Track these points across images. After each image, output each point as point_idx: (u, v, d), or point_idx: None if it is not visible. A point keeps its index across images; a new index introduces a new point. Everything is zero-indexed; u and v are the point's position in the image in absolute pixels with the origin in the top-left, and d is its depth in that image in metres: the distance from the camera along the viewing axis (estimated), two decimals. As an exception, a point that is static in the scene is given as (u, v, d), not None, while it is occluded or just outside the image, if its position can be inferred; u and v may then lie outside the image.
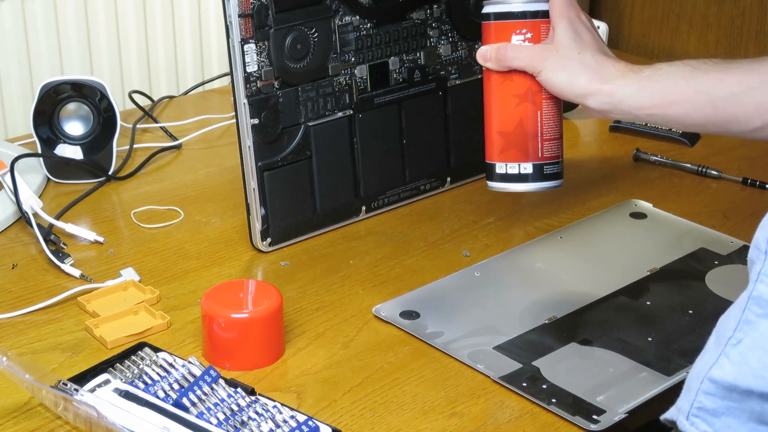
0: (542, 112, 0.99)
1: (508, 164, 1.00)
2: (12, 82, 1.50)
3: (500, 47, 0.98)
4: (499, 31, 0.99)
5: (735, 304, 0.74)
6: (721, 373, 0.73)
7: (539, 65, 0.96)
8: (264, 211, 1.17)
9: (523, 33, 0.98)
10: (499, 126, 1.00)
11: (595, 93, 0.95)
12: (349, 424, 0.92)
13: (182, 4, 1.63)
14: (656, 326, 1.05)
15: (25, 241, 1.19)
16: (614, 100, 0.94)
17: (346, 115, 1.21)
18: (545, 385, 0.96)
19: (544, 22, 0.98)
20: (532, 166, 1.00)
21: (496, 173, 1.01)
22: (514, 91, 0.99)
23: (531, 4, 0.98)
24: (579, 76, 0.95)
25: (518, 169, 1.00)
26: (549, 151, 1.00)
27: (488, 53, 0.99)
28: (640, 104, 0.93)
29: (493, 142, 1.01)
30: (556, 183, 1.02)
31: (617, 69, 0.95)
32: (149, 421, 0.87)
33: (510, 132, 0.99)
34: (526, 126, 0.99)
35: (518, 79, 0.98)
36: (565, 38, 0.96)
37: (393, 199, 1.27)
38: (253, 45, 1.13)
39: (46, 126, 1.31)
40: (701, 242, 1.20)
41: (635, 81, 0.94)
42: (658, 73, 0.94)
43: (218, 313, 0.97)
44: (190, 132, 1.47)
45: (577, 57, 0.95)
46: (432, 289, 1.11)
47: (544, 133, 0.99)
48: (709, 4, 1.71)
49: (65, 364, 0.99)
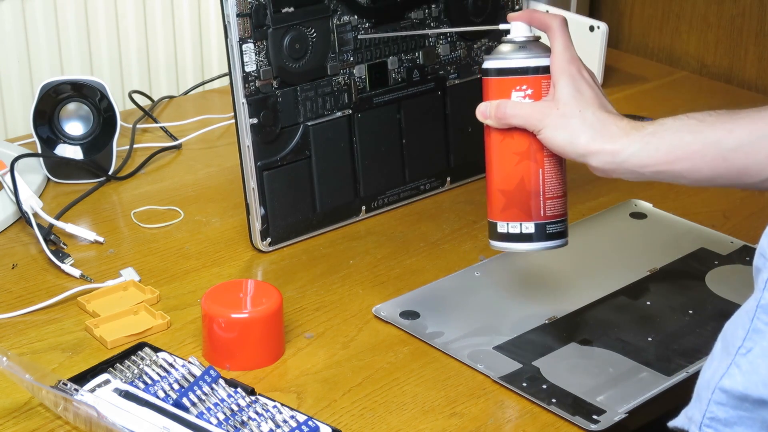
0: (544, 170, 0.95)
1: (509, 223, 0.96)
2: (12, 82, 1.50)
3: (500, 105, 0.95)
4: (499, 87, 0.95)
5: (741, 311, 0.74)
6: (732, 383, 0.73)
7: (539, 124, 0.93)
8: (264, 211, 1.17)
9: (523, 89, 0.94)
10: (500, 184, 0.97)
11: (597, 153, 0.91)
12: (349, 424, 0.92)
13: (182, 4, 1.63)
14: (656, 326, 1.05)
15: (25, 241, 1.19)
16: (618, 160, 0.90)
17: (345, 114, 1.21)
18: (545, 385, 0.96)
19: (545, 77, 0.94)
20: (534, 226, 0.96)
21: (498, 232, 0.97)
22: (514, 148, 0.95)
23: (532, 59, 0.94)
24: (580, 135, 0.91)
25: (520, 228, 0.96)
26: (552, 209, 0.96)
27: (488, 110, 0.95)
28: (645, 162, 0.90)
29: (494, 200, 0.97)
30: (561, 242, 0.98)
31: (619, 127, 0.91)
32: (149, 421, 0.87)
33: (511, 191, 0.96)
34: (527, 184, 0.95)
35: (519, 137, 0.95)
36: (565, 95, 0.93)
37: (393, 199, 1.27)
38: (251, 44, 1.13)
39: (46, 126, 1.31)
40: (701, 242, 1.20)
41: (638, 139, 0.90)
42: (662, 129, 0.90)
43: (218, 313, 0.97)
44: (190, 132, 1.47)
45: (578, 115, 0.92)
46: (432, 289, 1.11)
47: (547, 192, 0.96)
48: (709, 4, 1.70)
49: (65, 364, 0.99)
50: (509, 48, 0.96)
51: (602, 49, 1.61)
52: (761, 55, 1.66)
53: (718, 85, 1.69)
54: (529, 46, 0.95)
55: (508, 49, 0.96)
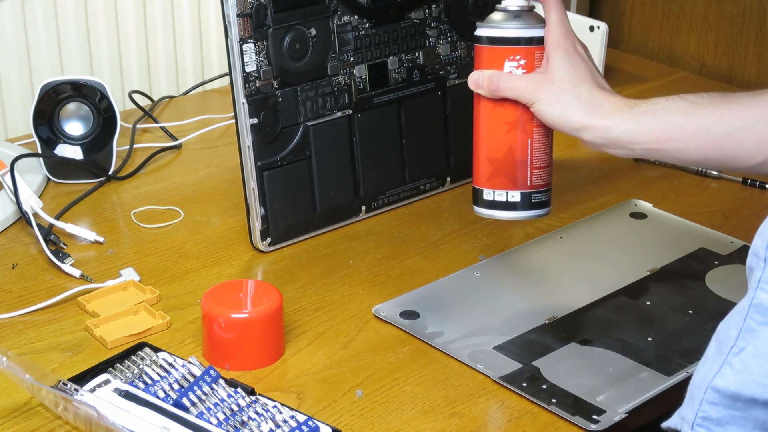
0: (533, 141, 0.96)
1: (495, 191, 0.98)
2: (12, 82, 1.50)
3: (493, 76, 0.95)
4: (491, 55, 0.96)
5: (735, 311, 0.74)
6: (725, 383, 0.73)
7: (533, 97, 0.94)
8: (264, 211, 1.17)
9: (516, 59, 0.95)
10: (488, 152, 0.98)
11: (590, 128, 0.92)
12: (349, 424, 0.92)
13: (182, 4, 1.63)
14: (656, 326, 1.05)
15: (25, 241, 1.19)
16: (610, 135, 0.92)
17: (345, 114, 1.21)
18: (545, 385, 0.96)
19: (539, 48, 0.95)
20: (520, 195, 0.97)
21: (483, 199, 0.99)
22: (504, 118, 0.96)
23: (526, 29, 0.95)
24: (574, 110, 0.92)
25: (506, 196, 0.97)
26: (538, 179, 0.97)
27: (480, 80, 0.96)
28: (637, 139, 0.91)
29: (482, 168, 0.99)
30: (544, 211, 0.99)
31: (613, 104, 0.92)
32: (149, 421, 0.87)
33: (499, 159, 0.97)
34: (515, 154, 0.96)
35: (509, 107, 0.96)
36: (560, 70, 0.93)
37: (393, 199, 1.27)
38: (251, 44, 1.13)
39: (46, 126, 1.31)
40: (701, 242, 1.20)
41: (631, 116, 0.91)
42: (655, 108, 0.91)
43: (218, 313, 0.97)
44: (190, 132, 1.47)
45: (573, 90, 0.93)
46: (432, 289, 1.11)
47: (534, 162, 0.97)
48: (709, 4, 1.71)
49: (65, 364, 0.99)
50: (503, 16, 0.96)
51: (602, 49, 1.61)
52: (761, 55, 1.66)
53: (718, 85, 1.69)
54: (523, 16, 0.95)
55: (502, 18, 0.96)
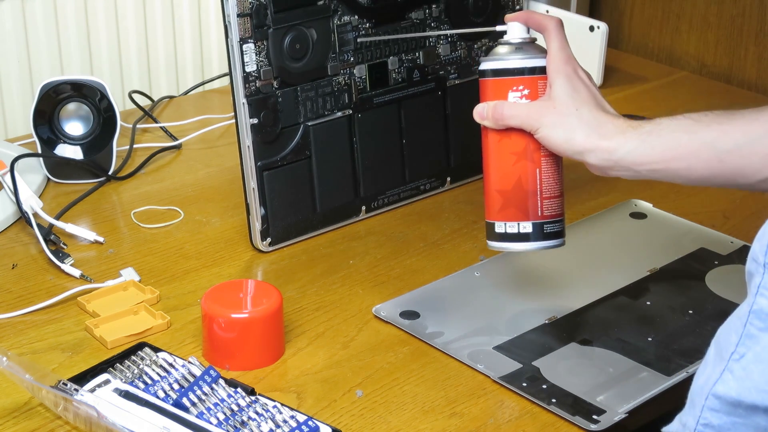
0: (541, 170, 0.96)
1: (507, 223, 0.97)
2: (12, 82, 1.50)
3: (497, 106, 0.95)
4: (495, 88, 0.96)
5: (734, 316, 0.74)
6: (726, 389, 0.73)
7: (536, 123, 0.93)
8: (264, 211, 1.17)
9: (520, 90, 0.95)
10: (497, 184, 0.97)
11: (593, 150, 0.92)
12: (349, 424, 0.92)
13: (182, 4, 1.63)
14: (656, 326, 1.05)
15: (25, 241, 1.19)
16: (614, 157, 0.91)
17: (345, 114, 1.21)
18: (545, 385, 0.96)
19: (542, 78, 0.95)
20: (531, 225, 0.96)
21: (496, 232, 0.98)
22: (512, 149, 0.96)
23: (528, 60, 0.95)
24: (576, 133, 0.92)
25: (518, 228, 0.97)
26: (549, 209, 0.97)
27: (485, 111, 0.96)
28: (641, 160, 0.90)
29: (492, 201, 0.98)
30: (558, 242, 0.98)
31: (616, 125, 0.92)
32: (149, 421, 0.87)
33: (508, 190, 0.96)
34: (525, 184, 0.96)
35: (516, 137, 0.95)
36: (562, 94, 0.93)
37: (393, 199, 1.27)
38: (251, 45, 1.13)
39: (46, 126, 1.31)
40: (701, 242, 1.20)
41: (635, 137, 0.90)
42: (659, 128, 0.90)
43: (218, 313, 0.97)
44: (190, 132, 1.47)
45: (575, 113, 0.92)
46: (432, 289, 1.11)
47: (544, 191, 0.96)
48: (709, 4, 1.70)
49: (65, 364, 0.99)
50: (506, 49, 0.96)
51: (602, 49, 1.61)
52: (761, 55, 1.66)
53: (718, 85, 1.69)
54: (525, 47, 0.96)
55: (505, 51, 0.96)
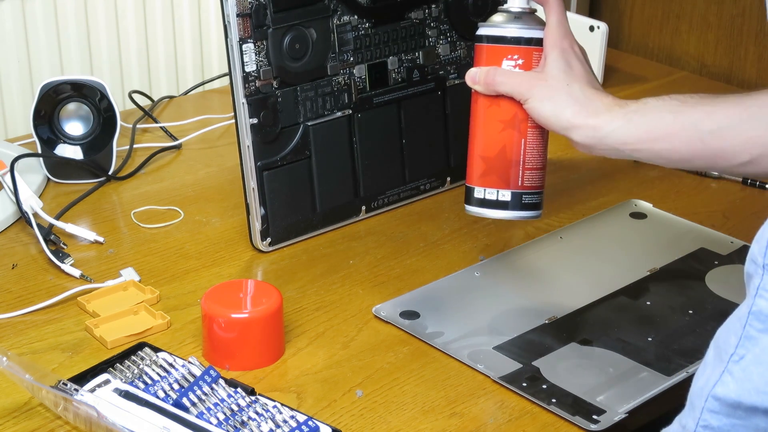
0: (527, 141, 0.97)
1: (486, 189, 0.98)
2: (12, 82, 1.50)
3: (489, 71, 0.96)
4: (490, 54, 0.97)
5: (733, 317, 0.74)
6: (725, 391, 0.72)
7: (526, 93, 0.94)
8: (264, 211, 1.17)
9: (514, 59, 0.96)
10: (481, 150, 0.98)
11: (579, 126, 0.92)
12: (349, 424, 0.92)
13: (182, 4, 1.63)
14: (656, 326, 1.05)
15: (25, 241, 1.19)
16: (599, 135, 0.92)
17: (345, 114, 1.21)
18: (545, 385, 0.96)
19: (537, 49, 0.96)
20: (510, 194, 0.97)
21: (474, 197, 0.99)
22: (500, 116, 0.97)
23: (525, 30, 0.96)
24: (565, 109, 0.93)
25: (496, 195, 0.98)
26: (530, 180, 0.97)
27: (477, 76, 0.97)
28: (625, 139, 0.91)
29: (474, 166, 0.99)
30: (534, 213, 0.99)
31: (604, 103, 0.92)
32: (149, 421, 0.87)
33: (492, 157, 0.97)
34: (508, 153, 0.97)
35: (505, 105, 0.96)
36: (555, 68, 0.94)
37: (393, 199, 1.27)
38: (251, 44, 1.13)
39: (46, 126, 1.31)
40: (701, 242, 1.20)
41: (621, 116, 0.91)
42: (645, 108, 0.91)
43: (218, 313, 0.97)
44: (190, 132, 1.47)
45: (565, 89, 0.93)
46: (432, 289, 1.11)
47: (527, 162, 0.97)
48: (709, 4, 1.70)
49: (65, 364, 0.99)
50: (505, 17, 0.97)
51: (602, 49, 1.61)
52: (761, 55, 1.66)
53: (718, 85, 1.69)
54: (524, 18, 0.97)
55: (504, 19, 0.97)
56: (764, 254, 0.72)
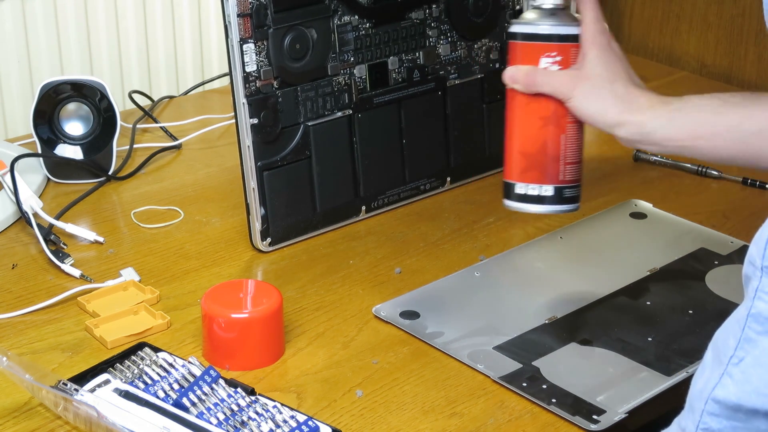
0: (566, 136, 0.97)
1: (528, 185, 0.98)
2: (12, 82, 1.50)
3: (530, 71, 0.96)
4: (527, 52, 0.96)
5: (732, 320, 0.73)
6: (725, 393, 0.72)
7: (569, 92, 0.95)
8: (264, 211, 1.17)
9: (552, 56, 0.95)
10: (521, 146, 0.98)
11: (624, 124, 0.93)
12: (349, 424, 0.92)
13: (182, 4, 1.63)
14: (656, 326, 1.05)
15: (25, 241, 1.19)
16: (644, 131, 0.93)
17: (345, 114, 1.21)
18: (545, 385, 0.96)
19: (574, 46, 0.96)
20: (553, 189, 0.98)
21: (515, 193, 0.99)
22: (539, 113, 0.97)
23: (562, 27, 0.95)
24: (610, 107, 0.94)
25: (538, 190, 0.98)
26: (570, 174, 0.98)
27: (517, 75, 0.97)
28: (669, 136, 0.92)
29: (514, 162, 0.99)
30: (574, 206, 1.00)
31: (647, 100, 0.93)
32: (149, 421, 0.87)
33: (533, 153, 0.98)
34: (549, 148, 0.97)
35: (544, 102, 0.96)
36: (597, 67, 0.94)
37: (393, 199, 1.27)
38: (252, 45, 1.13)
39: (46, 126, 1.31)
40: (701, 242, 1.20)
41: (665, 113, 0.92)
42: (687, 106, 0.92)
43: (218, 313, 0.97)
44: (190, 132, 1.47)
45: (609, 87, 0.94)
46: (432, 289, 1.11)
47: (567, 157, 0.97)
48: (709, 4, 1.70)
49: (65, 364, 0.99)
50: (539, 14, 0.96)
51: (602, 49, 1.61)
52: (761, 55, 1.66)
53: (718, 85, 1.69)
54: (559, 14, 0.96)
55: (538, 15, 0.96)
56: (763, 256, 0.72)
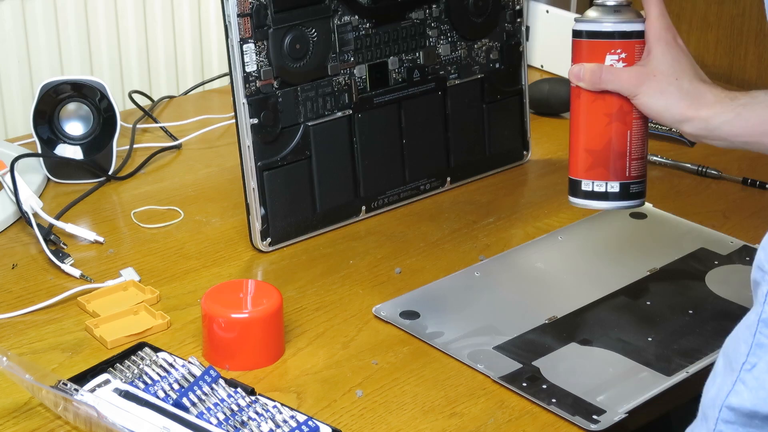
0: (632, 132, 0.97)
1: (595, 182, 0.99)
2: (12, 82, 1.50)
3: (595, 69, 0.96)
4: (592, 49, 0.97)
5: (742, 326, 0.73)
6: (740, 400, 0.72)
7: (636, 89, 0.95)
8: (264, 211, 1.17)
9: (617, 53, 0.96)
10: (587, 144, 0.99)
11: (691, 119, 0.94)
12: (349, 424, 0.92)
13: (182, 4, 1.63)
14: (656, 326, 1.05)
15: (25, 241, 1.19)
16: (710, 127, 0.93)
17: (345, 114, 1.21)
18: (545, 385, 0.96)
19: (639, 42, 0.96)
20: (619, 185, 0.98)
21: (582, 190, 0.99)
22: (605, 110, 0.97)
23: (626, 23, 0.96)
24: (677, 103, 0.94)
25: (605, 187, 0.98)
26: (636, 170, 0.98)
27: (582, 73, 0.97)
28: (736, 132, 0.92)
29: (580, 159, 0.99)
30: (640, 202, 1.00)
31: (714, 95, 0.94)
32: (149, 421, 0.87)
33: (599, 150, 0.98)
34: (615, 145, 0.97)
35: (610, 99, 0.97)
36: (663, 63, 0.95)
37: (393, 199, 1.27)
38: (252, 45, 1.13)
39: (46, 126, 1.31)
40: (701, 242, 1.20)
41: (731, 108, 0.92)
42: (754, 102, 0.92)
43: (218, 313, 0.97)
44: (190, 132, 1.47)
45: (675, 83, 0.94)
46: (432, 289, 1.11)
47: (633, 153, 0.98)
48: (709, 4, 1.71)
49: (65, 364, 0.99)
50: (602, 11, 0.97)
51: (602, 49, 1.61)
52: (761, 55, 1.66)
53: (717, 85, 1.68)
54: (622, 11, 0.97)
55: (602, 13, 0.97)
56: None
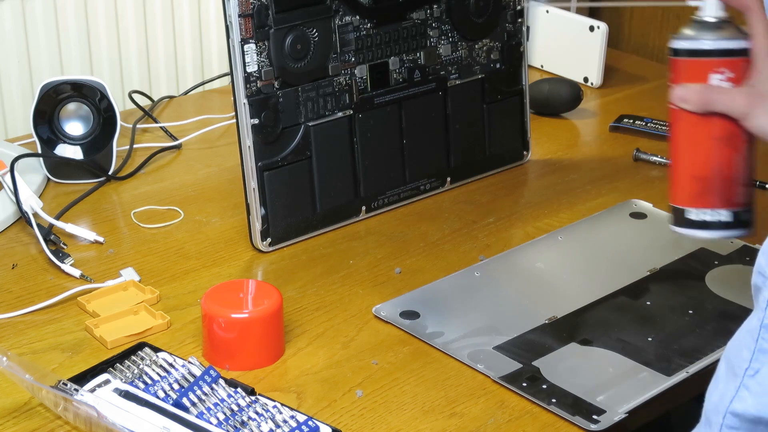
0: (742, 156, 0.91)
1: (701, 210, 0.92)
2: (12, 82, 1.50)
3: (702, 90, 0.90)
4: (694, 69, 0.90)
5: (743, 331, 0.73)
6: (744, 406, 0.71)
7: (746, 110, 0.88)
8: (264, 211, 1.17)
9: (722, 72, 0.89)
10: (692, 169, 0.92)
11: None
12: (349, 424, 0.92)
13: (182, 4, 1.63)
14: (656, 326, 1.05)
15: (25, 241, 1.19)
16: None
17: (346, 115, 1.21)
18: (545, 385, 0.96)
19: (745, 60, 0.89)
20: (729, 213, 0.91)
21: (687, 219, 0.93)
22: (712, 133, 0.90)
23: (730, 41, 0.89)
24: None
25: (713, 215, 0.91)
26: (745, 196, 0.92)
27: (687, 95, 0.90)
28: None
29: (685, 186, 0.93)
30: (749, 230, 0.93)
31: None
32: (149, 421, 0.87)
33: (707, 177, 0.91)
34: (724, 171, 0.91)
35: (718, 122, 0.90)
36: None
37: (393, 199, 1.27)
38: (253, 45, 1.13)
39: (46, 126, 1.31)
40: (701, 242, 1.20)
41: None
42: None
43: (218, 313, 0.97)
44: (190, 132, 1.47)
45: None
46: (432, 289, 1.11)
47: (742, 178, 0.91)
48: None
49: (65, 364, 0.99)
50: (702, 28, 0.90)
51: (602, 49, 1.61)
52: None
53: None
54: (725, 27, 0.90)
55: (701, 30, 0.90)
56: None
